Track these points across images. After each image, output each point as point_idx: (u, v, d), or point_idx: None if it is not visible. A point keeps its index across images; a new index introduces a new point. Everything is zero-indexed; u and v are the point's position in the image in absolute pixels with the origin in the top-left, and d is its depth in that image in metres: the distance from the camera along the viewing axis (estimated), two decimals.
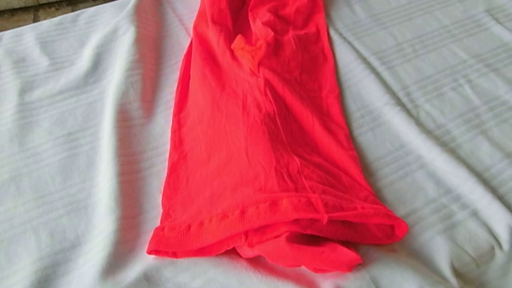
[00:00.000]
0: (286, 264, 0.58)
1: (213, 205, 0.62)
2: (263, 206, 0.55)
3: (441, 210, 0.66)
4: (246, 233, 0.55)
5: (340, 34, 0.95)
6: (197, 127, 0.76)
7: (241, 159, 0.66)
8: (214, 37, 0.89)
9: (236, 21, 0.97)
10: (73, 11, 1.33)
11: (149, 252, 0.60)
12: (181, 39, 0.96)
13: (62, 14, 1.04)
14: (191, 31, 0.95)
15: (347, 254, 0.54)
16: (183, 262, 0.60)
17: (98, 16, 1.00)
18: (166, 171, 0.72)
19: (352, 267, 0.56)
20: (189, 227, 0.59)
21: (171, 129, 0.78)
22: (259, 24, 0.90)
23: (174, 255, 0.60)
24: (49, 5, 1.74)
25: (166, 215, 0.65)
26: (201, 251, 0.59)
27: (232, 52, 0.86)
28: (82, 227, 0.65)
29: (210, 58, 0.87)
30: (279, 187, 0.60)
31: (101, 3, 1.05)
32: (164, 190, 0.69)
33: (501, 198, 0.67)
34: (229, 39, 0.88)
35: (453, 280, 0.59)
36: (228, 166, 0.68)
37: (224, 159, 0.69)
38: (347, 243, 0.57)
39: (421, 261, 0.61)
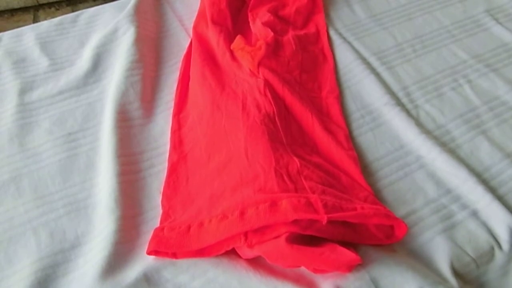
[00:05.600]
0: (285, 265, 0.58)
1: (213, 206, 0.62)
2: (262, 206, 0.55)
3: (441, 211, 0.66)
4: (245, 234, 0.55)
5: (340, 34, 0.95)
6: (197, 128, 0.76)
7: (240, 160, 0.66)
8: (214, 37, 0.89)
9: (236, 21, 0.97)
10: (73, 11, 1.33)
11: (149, 253, 0.60)
12: (181, 39, 0.96)
13: (62, 14, 1.04)
14: (191, 31, 0.95)
15: (347, 254, 0.54)
16: (183, 262, 0.60)
17: (98, 16, 1.00)
18: (166, 171, 0.72)
19: (352, 267, 0.56)
20: (189, 227, 0.59)
21: (171, 129, 0.78)
22: (259, 24, 0.90)
23: (174, 255, 0.60)
24: (49, 5, 1.74)
25: (166, 216, 0.65)
26: (201, 252, 0.59)
27: (232, 52, 0.86)
28: (82, 227, 0.65)
29: (210, 58, 0.87)
30: (278, 188, 0.60)
31: (101, 3, 1.05)
32: (164, 191, 0.69)
33: (501, 199, 0.67)
34: (229, 40, 0.88)
35: (453, 280, 0.59)
36: (228, 167, 0.67)
37: (223, 160, 0.69)
38: (346, 244, 0.57)
39: (421, 261, 0.61)
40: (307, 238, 0.55)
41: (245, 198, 0.59)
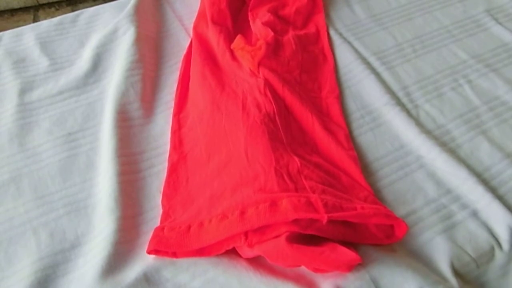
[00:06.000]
0: (285, 264, 0.58)
1: (213, 205, 0.62)
2: (263, 206, 0.55)
3: (441, 210, 0.66)
4: (246, 234, 0.55)
5: (340, 34, 0.95)
6: (197, 128, 0.76)
7: (240, 159, 0.66)
8: (214, 37, 0.89)
9: (236, 21, 0.97)
10: (73, 11, 1.33)
11: (149, 252, 0.60)
12: (181, 39, 0.96)
13: (62, 14, 1.03)
14: (191, 31, 0.95)
15: (347, 254, 0.54)
16: (183, 262, 0.60)
17: (98, 16, 1.00)
18: (166, 171, 0.72)
19: (352, 267, 0.56)
20: (189, 227, 0.59)
21: (171, 129, 0.78)
22: (259, 24, 0.90)
23: (174, 255, 0.60)
24: (49, 5, 1.74)
25: (166, 215, 0.65)
26: (201, 252, 0.59)
27: (232, 52, 0.86)
28: (82, 227, 0.65)
29: (210, 58, 0.87)
30: (278, 187, 0.60)
31: (101, 3, 1.05)
32: (164, 190, 0.69)
33: (501, 198, 0.67)
34: (229, 40, 0.88)
35: (453, 280, 0.59)
36: (228, 167, 0.67)
37: (224, 160, 0.69)
38: (347, 243, 0.57)
39: (421, 261, 0.61)
40: (307, 238, 0.55)
41: (245, 198, 0.59)
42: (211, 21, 0.90)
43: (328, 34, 0.95)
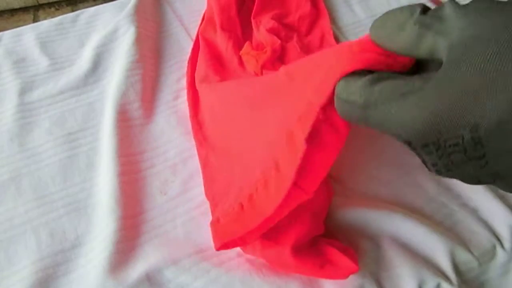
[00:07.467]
0: (287, 272, 0.58)
1: (248, 178, 0.57)
2: (286, 145, 0.48)
3: (442, 209, 0.66)
4: (298, 185, 0.47)
5: (340, 34, 0.95)
6: (213, 124, 0.76)
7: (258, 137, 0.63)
8: (222, 43, 0.88)
9: (246, 28, 0.96)
10: (73, 11, 1.33)
11: (218, 249, 0.56)
12: (181, 39, 0.96)
13: (62, 14, 1.03)
14: (191, 31, 0.95)
15: (348, 267, 0.53)
16: (185, 262, 0.60)
17: (98, 16, 1.00)
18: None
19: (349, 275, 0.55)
20: (241, 205, 0.55)
21: (193, 130, 0.77)
22: (263, 31, 0.90)
23: (243, 241, 0.55)
24: (49, 5, 1.74)
25: (213, 206, 0.64)
26: (266, 224, 0.52)
27: (239, 58, 0.86)
28: (82, 227, 0.65)
29: (217, 63, 0.87)
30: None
31: (101, 3, 1.05)
32: (204, 186, 0.68)
33: (501, 197, 0.67)
34: (238, 46, 0.88)
35: (453, 278, 0.59)
36: (248, 144, 0.64)
37: (244, 140, 0.66)
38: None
39: (421, 259, 0.61)
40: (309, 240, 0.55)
41: (276, 151, 0.52)
42: (220, 27, 0.90)
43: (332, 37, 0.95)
